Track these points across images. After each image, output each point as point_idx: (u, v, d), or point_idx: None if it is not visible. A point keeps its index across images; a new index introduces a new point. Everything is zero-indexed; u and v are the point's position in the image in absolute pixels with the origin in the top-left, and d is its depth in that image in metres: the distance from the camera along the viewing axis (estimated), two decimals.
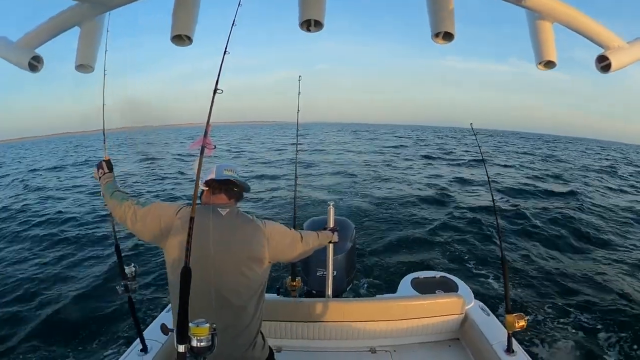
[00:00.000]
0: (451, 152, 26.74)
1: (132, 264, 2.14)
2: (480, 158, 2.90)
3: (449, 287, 2.97)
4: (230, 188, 1.69)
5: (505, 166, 19.53)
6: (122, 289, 2.13)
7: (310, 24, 1.21)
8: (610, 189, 14.31)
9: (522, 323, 2.11)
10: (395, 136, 50.07)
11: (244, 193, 1.76)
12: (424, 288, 2.95)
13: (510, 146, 37.78)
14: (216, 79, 1.45)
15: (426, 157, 22.98)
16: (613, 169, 21.09)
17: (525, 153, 29.19)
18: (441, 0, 1.24)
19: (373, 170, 16.07)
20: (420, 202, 10.53)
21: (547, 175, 16.84)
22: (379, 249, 6.60)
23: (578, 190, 12.59)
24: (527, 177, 15.64)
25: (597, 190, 13.51)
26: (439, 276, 3.17)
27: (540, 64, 1.33)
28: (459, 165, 19.29)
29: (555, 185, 14.15)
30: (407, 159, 21.43)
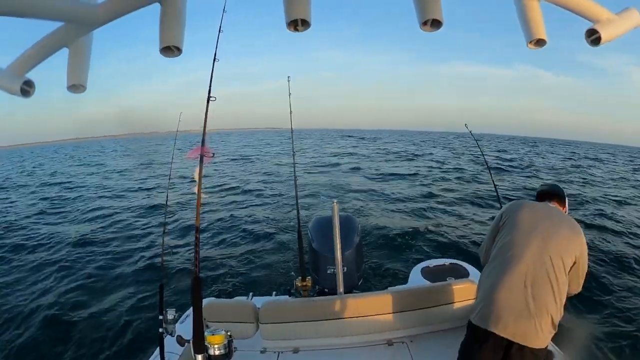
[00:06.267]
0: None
1: (174, 309, 2.01)
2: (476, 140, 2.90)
3: (460, 273, 2.96)
4: None
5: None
6: (161, 330, 2.09)
7: (298, 24, 1.20)
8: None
9: None
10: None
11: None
12: (435, 276, 2.94)
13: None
14: (208, 87, 1.45)
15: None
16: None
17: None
18: None
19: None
20: (422, 196, 10.52)
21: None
22: (386, 242, 6.60)
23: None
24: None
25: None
26: (448, 263, 3.16)
27: (530, 42, 1.32)
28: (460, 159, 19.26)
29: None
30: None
